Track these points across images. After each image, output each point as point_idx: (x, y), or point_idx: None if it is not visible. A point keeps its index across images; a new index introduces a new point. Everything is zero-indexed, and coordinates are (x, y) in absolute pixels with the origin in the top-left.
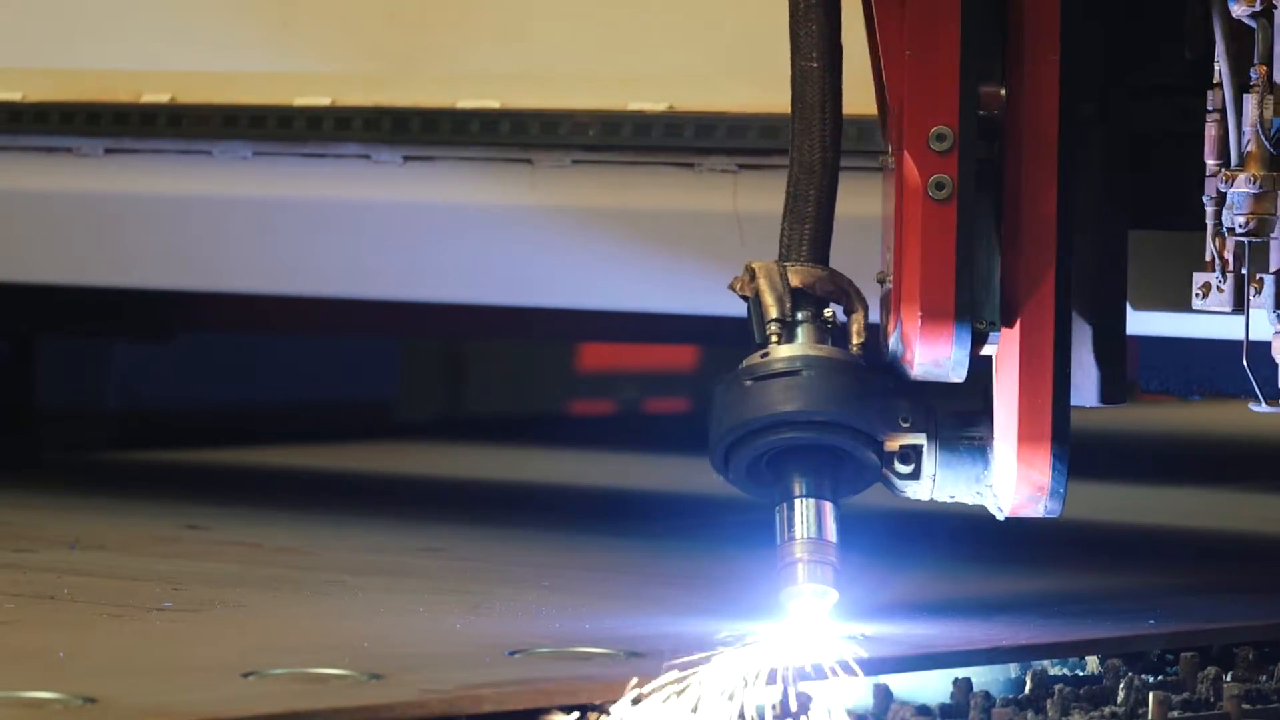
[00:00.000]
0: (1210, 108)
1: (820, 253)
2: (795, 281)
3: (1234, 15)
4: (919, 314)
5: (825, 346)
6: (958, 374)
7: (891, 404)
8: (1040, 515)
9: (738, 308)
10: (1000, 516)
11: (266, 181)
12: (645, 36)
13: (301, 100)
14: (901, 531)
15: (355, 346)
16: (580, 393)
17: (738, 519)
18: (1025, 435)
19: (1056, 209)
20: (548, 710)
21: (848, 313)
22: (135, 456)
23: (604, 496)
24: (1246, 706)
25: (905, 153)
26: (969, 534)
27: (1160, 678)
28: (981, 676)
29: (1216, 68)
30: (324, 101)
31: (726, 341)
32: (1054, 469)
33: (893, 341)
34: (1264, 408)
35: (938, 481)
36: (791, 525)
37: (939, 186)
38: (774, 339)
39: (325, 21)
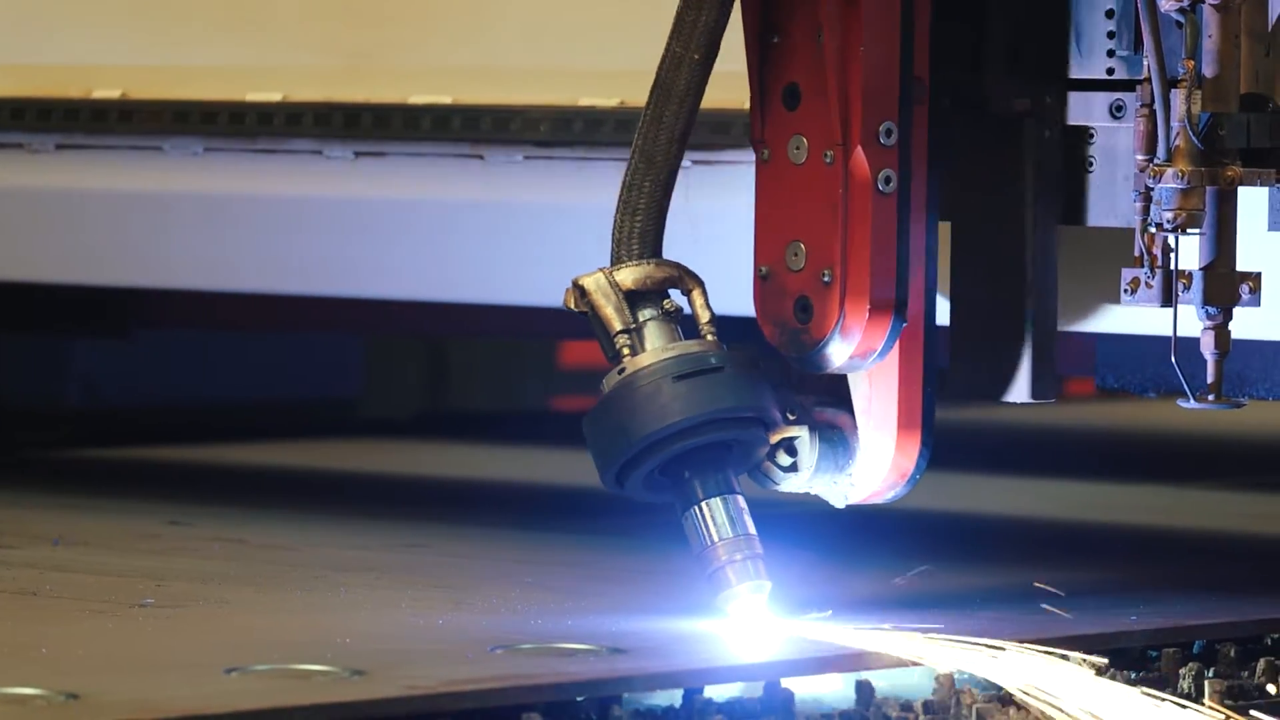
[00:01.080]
0: (1139, 103)
1: (649, 246)
2: (627, 284)
3: (1162, 10)
4: (868, 307)
5: (686, 342)
6: (871, 365)
7: (780, 396)
8: (886, 501)
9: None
10: (841, 505)
11: (218, 177)
12: (597, 32)
13: (253, 96)
14: (870, 529)
15: (325, 343)
16: (562, 389)
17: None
18: (903, 424)
19: (925, 204)
20: (531, 706)
21: (685, 293)
22: (114, 454)
23: (586, 492)
24: (1229, 703)
25: (859, 147)
26: (941, 531)
27: (1142, 674)
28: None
29: (1145, 63)
30: (275, 97)
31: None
32: (920, 456)
33: (832, 335)
34: (1192, 404)
35: (813, 473)
36: (708, 529)
37: (887, 180)
38: (626, 351)
39: (277, 16)
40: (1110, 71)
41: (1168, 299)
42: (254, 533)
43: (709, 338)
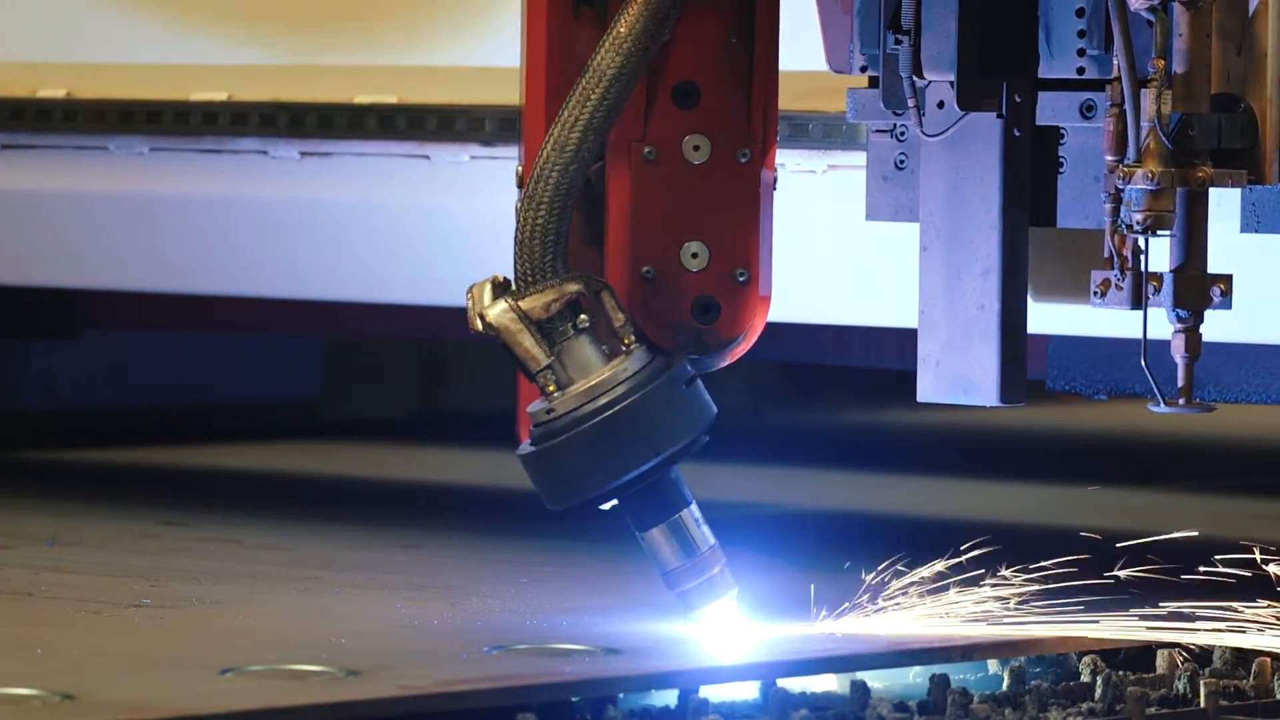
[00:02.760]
0: (1109, 103)
1: (550, 248)
2: (537, 313)
3: (1132, 8)
4: (768, 303)
5: (642, 353)
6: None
7: None
8: None
9: None
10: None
11: (163, 177)
12: None
13: (198, 95)
14: (862, 532)
15: (286, 345)
16: None
17: (708, 517)
18: None
19: None
20: (526, 706)
21: (594, 294)
22: (109, 455)
23: None
24: (1224, 703)
25: (774, 147)
26: (927, 533)
27: (1138, 674)
28: (959, 673)
29: (1115, 62)
30: (221, 96)
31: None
32: None
33: (745, 333)
34: (1163, 408)
35: None
36: (682, 545)
37: (774, 178)
38: (551, 388)
39: (223, 15)
40: (1081, 71)
41: (1138, 301)
42: (249, 533)
43: (628, 340)
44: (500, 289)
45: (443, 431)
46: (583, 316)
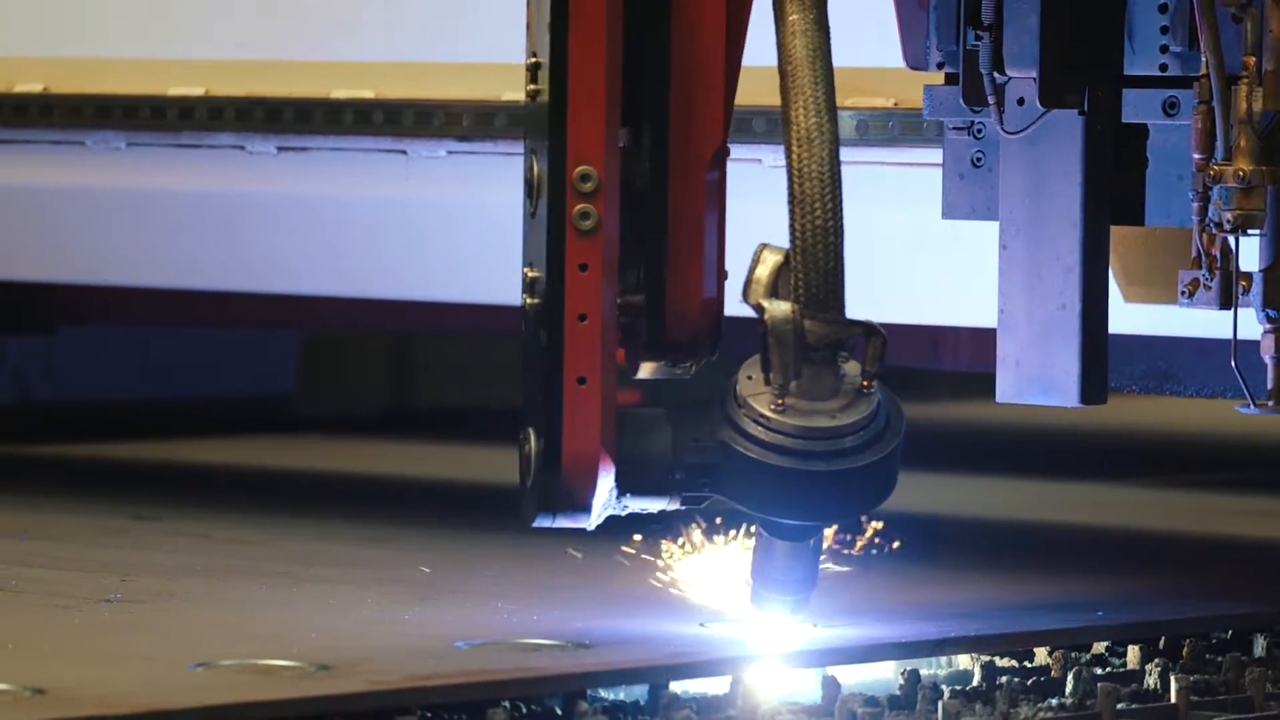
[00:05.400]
0: (1196, 100)
1: (832, 254)
2: (811, 338)
3: (1220, 4)
4: None
5: (862, 413)
6: None
7: None
8: None
9: None
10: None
11: (140, 172)
12: (520, 25)
13: (175, 90)
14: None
15: (262, 339)
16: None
17: (695, 513)
18: None
19: None
20: (496, 701)
21: (866, 333)
22: (78, 449)
23: None
24: (1194, 698)
25: None
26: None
27: (1108, 670)
28: (930, 668)
29: (1203, 59)
30: (198, 91)
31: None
32: None
33: None
34: (1253, 409)
35: None
36: (789, 563)
37: None
38: (780, 401)
39: (199, 10)
40: (1164, 68)
41: (1227, 301)
42: (219, 528)
43: (867, 384)
44: (785, 268)
45: (414, 427)
46: (843, 354)
